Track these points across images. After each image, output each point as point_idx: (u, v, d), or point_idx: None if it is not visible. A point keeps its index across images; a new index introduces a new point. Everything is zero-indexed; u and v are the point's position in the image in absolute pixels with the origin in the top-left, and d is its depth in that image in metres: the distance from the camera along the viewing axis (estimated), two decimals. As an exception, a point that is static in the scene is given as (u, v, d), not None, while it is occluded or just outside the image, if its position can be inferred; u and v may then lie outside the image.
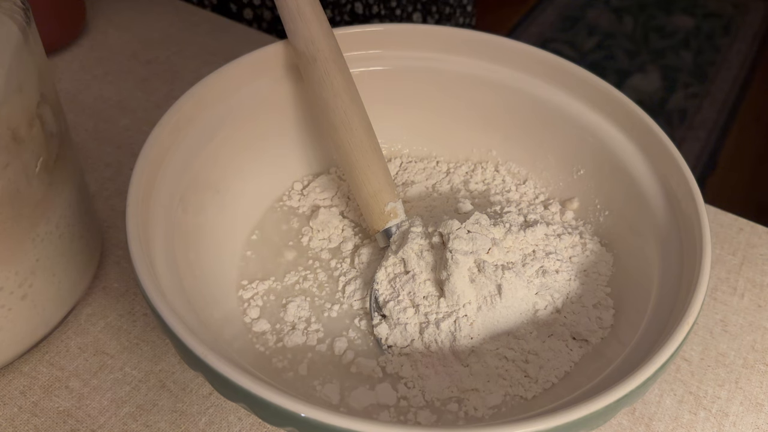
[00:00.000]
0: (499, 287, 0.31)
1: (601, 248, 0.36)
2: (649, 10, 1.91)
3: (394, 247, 0.34)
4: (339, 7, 0.67)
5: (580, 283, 0.34)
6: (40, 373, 0.35)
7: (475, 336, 0.32)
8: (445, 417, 0.30)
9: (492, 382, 0.31)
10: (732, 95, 1.64)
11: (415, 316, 0.32)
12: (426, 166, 0.42)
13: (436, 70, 0.40)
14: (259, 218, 0.39)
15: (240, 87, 0.37)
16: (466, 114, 0.41)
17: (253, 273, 0.36)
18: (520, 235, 0.34)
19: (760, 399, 0.35)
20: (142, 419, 0.33)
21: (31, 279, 0.32)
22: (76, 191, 0.35)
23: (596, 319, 0.33)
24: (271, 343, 0.33)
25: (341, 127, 0.35)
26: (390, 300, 0.33)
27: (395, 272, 0.34)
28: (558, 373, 0.31)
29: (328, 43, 0.35)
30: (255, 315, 0.34)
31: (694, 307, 0.27)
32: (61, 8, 0.54)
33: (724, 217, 0.45)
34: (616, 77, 1.65)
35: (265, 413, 0.24)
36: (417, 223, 0.34)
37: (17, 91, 0.29)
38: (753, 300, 0.40)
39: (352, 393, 0.31)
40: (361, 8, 0.68)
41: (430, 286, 0.33)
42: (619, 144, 0.36)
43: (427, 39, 0.40)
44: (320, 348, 0.33)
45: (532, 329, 0.32)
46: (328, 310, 0.34)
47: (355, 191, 0.36)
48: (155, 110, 0.51)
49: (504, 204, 0.39)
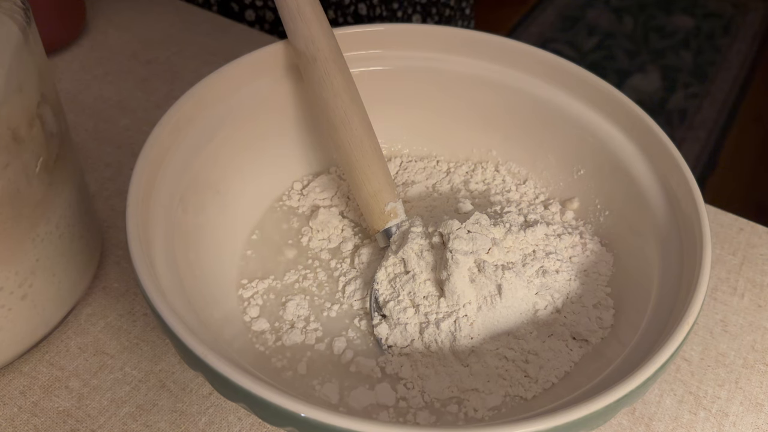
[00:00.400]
0: (499, 287, 0.31)
1: (601, 248, 0.36)
2: (649, 10, 1.91)
3: (394, 247, 0.34)
4: (342, 9, 0.67)
5: (580, 283, 0.34)
6: (40, 373, 0.35)
7: (475, 336, 0.32)
8: (444, 418, 0.30)
9: (492, 382, 0.31)
10: (732, 95, 1.64)
11: (415, 316, 0.32)
12: (426, 165, 0.42)
13: (436, 70, 0.40)
14: (259, 218, 0.39)
15: (240, 87, 0.37)
16: (466, 114, 0.41)
17: (252, 272, 0.36)
18: (520, 235, 0.34)
19: (760, 399, 0.35)
20: (142, 419, 0.33)
21: (31, 279, 0.32)
22: (76, 191, 0.35)
23: (596, 319, 0.33)
24: (270, 342, 0.33)
25: (341, 127, 0.35)
26: (390, 300, 0.33)
27: (395, 272, 0.34)
28: (558, 373, 0.31)
29: (328, 42, 0.35)
30: (255, 314, 0.34)
31: (694, 307, 0.27)
32: (61, 8, 0.54)
33: (724, 217, 0.45)
34: (616, 77, 1.65)
35: (265, 413, 0.24)
36: (417, 223, 0.34)
37: (17, 91, 0.29)
38: (753, 300, 0.40)
39: (351, 393, 0.31)
40: (365, 9, 0.68)
41: (430, 286, 0.33)
42: (619, 144, 0.36)
43: (427, 39, 0.40)
44: (319, 347, 0.33)
45: (532, 329, 0.32)
46: (328, 310, 0.34)
47: (355, 191, 0.36)
48: (155, 110, 0.51)
49: (504, 204, 0.39)
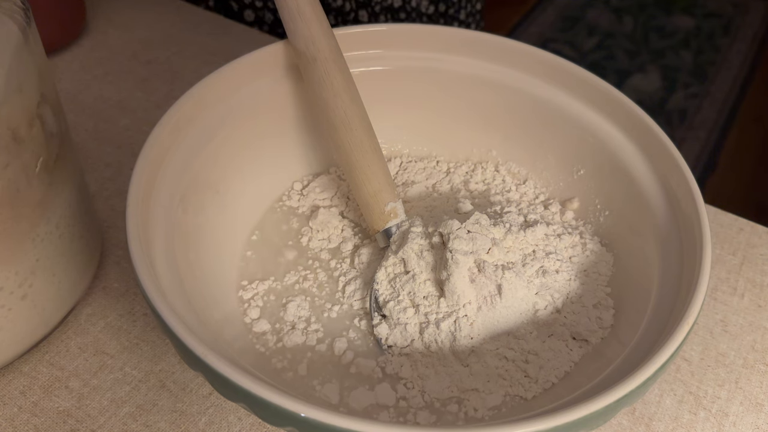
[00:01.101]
0: (499, 287, 0.31)
1: (601, 248, 0.36)
2: (649, 10, 1.91)
3: (394, 247, 0.34)
4: (342, 15, 0.67)
5: (580, 283, 0.34)
6: (40, 373, 0.35)
7: (475, 336, 0.32)
8: (444, 417, 0.30)
9: (492, 382, 0.31)
10: (732, 95, 1.64)
11: (415, 316, 0.32)
12: (426, 165, 0.42)
13: (436, 70, 0.40)
14: (259, 218, 0.39)
15: (240, 87, 0.37)
16: (466, 114, 0.41)
17: (253, 273, 0.36)
18: (520, 235, 0.34)
19: (760, 399, 0.35)
20: (142, 419, 0.33)
21: (31, 279, 0.32)
22: (76, 191, 0.35)
23: (596, 319, 0.33)
24: (271, 343, 0.33)
25: (341, 127, 0.35)
26: (390, 300, 0.33)
27: (395, 272, 0.34)
28: (558, 373, 0.31)
29: (328, 43, 0.35)
30: (255, 315, 0.34)
31: (694, 307, 0.27)
32: (61, 8, 0.54)
33: (724, 217, 0.45)
34: (616, 77, 1.65)
35: (265, 413, 0.24)
36: (417, 223, 0.34)
37: (17, 91, 0.29)
38: (753, 300, 0.40)
39: (351, 393, 0.31)
40: (366, 17, 0.68)
41: (430, 286, 0.33)
42: (619, 144, 0.36)
43: (427, 39, 0.40)
44: (320, 348, 0.33)
45: (532, 329, 0.32)
46: (328, 311, 0.34)
47: (355, 191, 0.36)
48: (155, 110, 0.51)
49: (504, 204, 0.39)
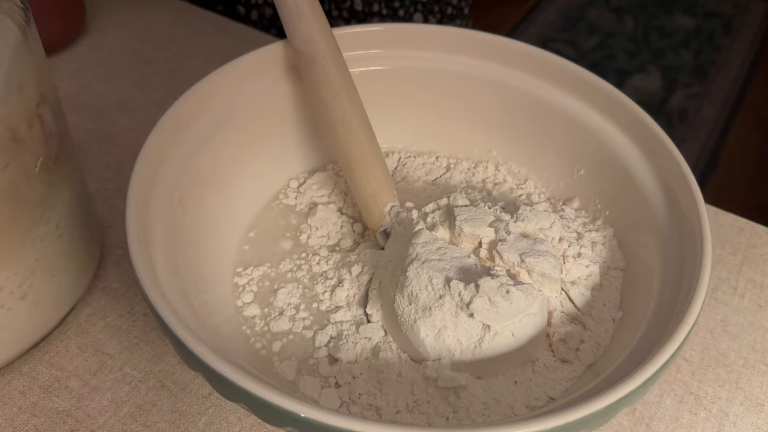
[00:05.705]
0: (486, 328, 0.30)
1: (615, 253, 0.35)
2: (650, 10, 1.91)
3: (393, 248, 0.34)
4: (337, 3, 0.67)
5: (590, 294, 0.33)
6: (40, 373, 0.35)
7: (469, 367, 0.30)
8: (449, 399, 0.30)
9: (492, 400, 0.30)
10: (732, 95, 1.64)
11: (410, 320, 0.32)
12: (425, 161, 0.42)
13: (435, 70, 0.40)
14: (256, 216, 0.39)
15: (240, 87, 0.37)
16: (466, 114, 0.41)
17: (248, 262, 0.36)
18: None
19: (760, 399, 0.35)
20: (141, 419, 0.33)
21: (31, 279, 0.32)
22: (75, 191, 0.35)
23: (600, 331, 0.32)
24: (258, 327, 0.33)
25: (340, 128, 0.35)
26: (385, 302, 0.33)
27: (394, 273, 0.34)
28: (559, 391, 0.30)
29: (327, 43, 0.35)
30: (248, 299, 0.34)
31: (694, 307, 0.27)
32: (61, 8, 0.54)
33: (724, 217, 0.45)
34: (616, 77, 1.65)
35: (264, 413, 0.24)
36: (422, 233, 0.33)
37: (17, 91, 0.29)
38: (753, 300, 0.40)
39: (304, 377, 0.30)
40: (360, 5, 0.68)
41: (429, 294, 0.32)
42: (619, 144, 0.36)
43: (427, 39, 0.40)
44: (305, 333, 0.32)
45: (534, 349, 0.31)
46: (319, 303, 0.34)
47: (354, 192, 0.36)
48: (155, 110, 0.50)
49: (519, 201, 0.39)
